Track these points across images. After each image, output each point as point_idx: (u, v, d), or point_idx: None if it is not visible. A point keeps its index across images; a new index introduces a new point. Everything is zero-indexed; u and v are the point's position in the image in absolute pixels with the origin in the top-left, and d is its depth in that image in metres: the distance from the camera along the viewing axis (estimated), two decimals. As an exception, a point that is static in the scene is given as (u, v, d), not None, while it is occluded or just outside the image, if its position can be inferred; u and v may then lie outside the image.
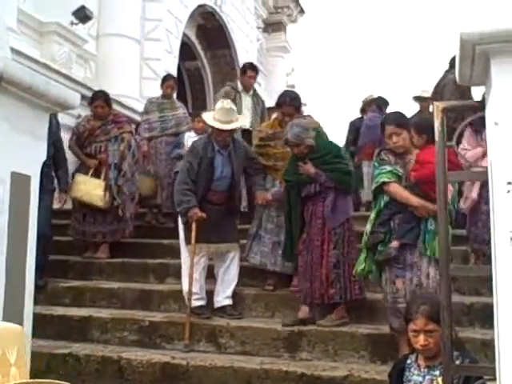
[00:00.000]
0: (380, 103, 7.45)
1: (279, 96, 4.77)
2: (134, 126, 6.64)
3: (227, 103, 4.37)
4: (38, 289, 3.86)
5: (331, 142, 4.41)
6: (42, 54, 8.18)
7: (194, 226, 4.17)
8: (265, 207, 4.54)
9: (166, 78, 6.88)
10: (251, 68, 6.25)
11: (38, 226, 2.42)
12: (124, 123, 5.82)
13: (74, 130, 5.78)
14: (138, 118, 9.51)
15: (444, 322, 1.96)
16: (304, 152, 4.07)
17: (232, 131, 4.37)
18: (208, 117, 4.39)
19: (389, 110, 7.66)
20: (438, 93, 5.65)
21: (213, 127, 4.31)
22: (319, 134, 4.25)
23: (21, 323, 2.20)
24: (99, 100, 5.64)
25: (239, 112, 5.28)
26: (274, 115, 5.17)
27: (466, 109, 2.32)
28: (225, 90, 6.13)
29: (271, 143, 4.66)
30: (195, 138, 6.05)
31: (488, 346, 3.37)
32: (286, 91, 5.02)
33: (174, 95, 7.06)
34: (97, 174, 5.46)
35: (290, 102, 4.57)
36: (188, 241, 4.26)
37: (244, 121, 4.52)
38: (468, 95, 5.00)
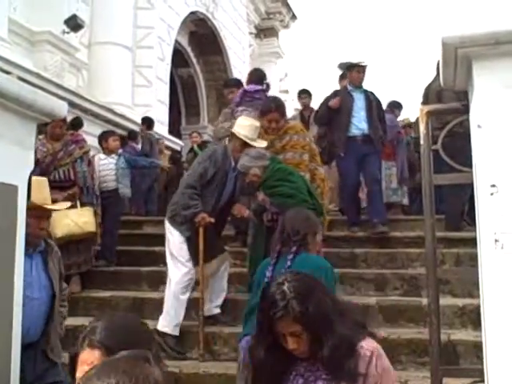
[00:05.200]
0: (392, 106, 7.55)
1: (263, 104, 4.67)
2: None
3: (253, 120, 4.26)
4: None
5: (281, 166, 4.02)
6: (34, 63, 8.18)
7: (201, 231, 4.03)
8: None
9: None
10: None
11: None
12: (82, 142, 5.41)
13: None
14: (130, 125, 9.57)
15: (432, 325, 1.96)
16: (254, 180, 3.93)
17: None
18: (238, 132, 4.19)
19: (402, 112, 7.85)
20: (435, 97, 5.63)
21: (239, 142, 4.13)
22: (273, 160, 4.02)
23: (9, 338, 2.19)
24: (57, 119, 5.03)
25: None
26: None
27: (450, 112, 2.33)
28: None
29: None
30: (105, 161, 5.87)
31: (481, 348, 3.37)
32: (269, 98, 4.87)
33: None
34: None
35: (275, 109, 4.48)
36: (194, 250, 4.10)
37: (264, 144, 4.30)
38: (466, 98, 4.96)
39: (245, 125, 4.18)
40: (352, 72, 5.83)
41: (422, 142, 2.13)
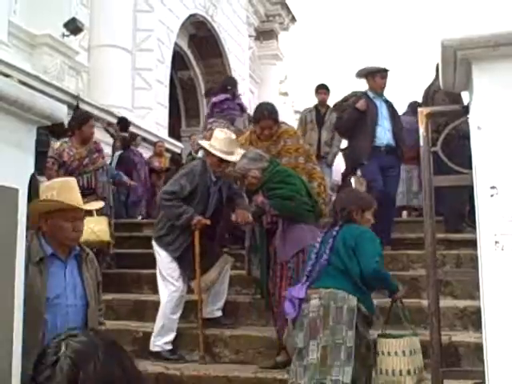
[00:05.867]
0: (414, 107, 7.45)
1: (256, 110, 4.58)
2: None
3: (229, 133, 4.23)
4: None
5: (280, 168, 4.00)
6: (34, 66, 8.20)
7: (196, 234, 3.98)
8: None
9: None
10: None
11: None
12: (103, 152, 5.37)
13: (55, 157, 4.82)
14: (130, 128, 9.56)
15: (432, 327, 1.96)
16: (252, 183, 3.89)
17: (230, 163, 4.14)
18: (210, 146, 4.17)
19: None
20: (430, 99, 5.64)
21: (216, 157, 4.10)
22: (273, 162, 3.97)
23: (10, 350, 2.18)
24: (92, 120, 5.05)
25: None
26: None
27: (450, 114, 2.33)
28: None
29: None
30: None
31: (482, 350, 3.37)
32: (261, 104, 4.73)
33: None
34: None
35: (268, 116, 4.37)
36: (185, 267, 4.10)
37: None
38: (459, 100, 4.92)
39: (220, 138, 4.14)
40: (375, 78, 5.41)
41: (421, 144, 2.13)
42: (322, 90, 7.57)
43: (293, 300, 3.02)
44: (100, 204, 3.68)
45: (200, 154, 6.17)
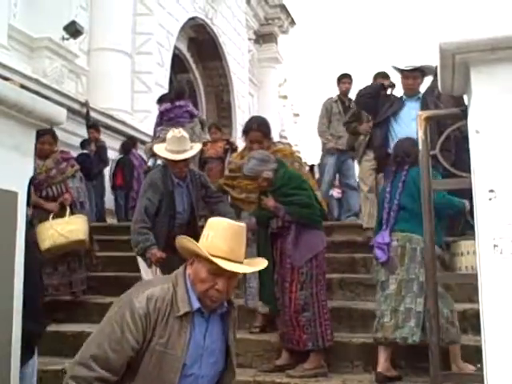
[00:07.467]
0: None
1: (246, 122, 4.45)
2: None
3: (178, 132, 4.09)
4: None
5: (292, 172, 3.94)
6: (34, 69, 8.21)
7: (154, 268, 3.88)
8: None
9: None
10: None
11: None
12: (72, 160, 5.22)
13: None
14: (129, 131, 9.58)
15: (431, 330, 1.96)
16: (264, 185, 3.79)
17: (187, 161, 4.10)
18: (160, 149, 4.13)
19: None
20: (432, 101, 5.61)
21: (166, 159, 4.08)
22: (282, 165, 3.86)
23: (9, 342, 2.18)
24: (47, 135, 4.75)
25: None
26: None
27: (449, 117, 2.33)
28: None
29: (241, 174, 4.11)
30: None
31: (481, 353, 3.37)
32: (252, 117, 4.63)
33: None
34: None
35: (257, 128, 4.21)
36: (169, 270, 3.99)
37: (198, 148, 4.27)
38: (463, 103, 4.78)
39: (168, 138, 4.07)
40: (401, 77, 4.95)
41: (420, 147, 2.13)
42: (346, 79, 7.17)
43: (381, 246, 3.53)
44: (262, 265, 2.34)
45: (150, 161, 6.62)
